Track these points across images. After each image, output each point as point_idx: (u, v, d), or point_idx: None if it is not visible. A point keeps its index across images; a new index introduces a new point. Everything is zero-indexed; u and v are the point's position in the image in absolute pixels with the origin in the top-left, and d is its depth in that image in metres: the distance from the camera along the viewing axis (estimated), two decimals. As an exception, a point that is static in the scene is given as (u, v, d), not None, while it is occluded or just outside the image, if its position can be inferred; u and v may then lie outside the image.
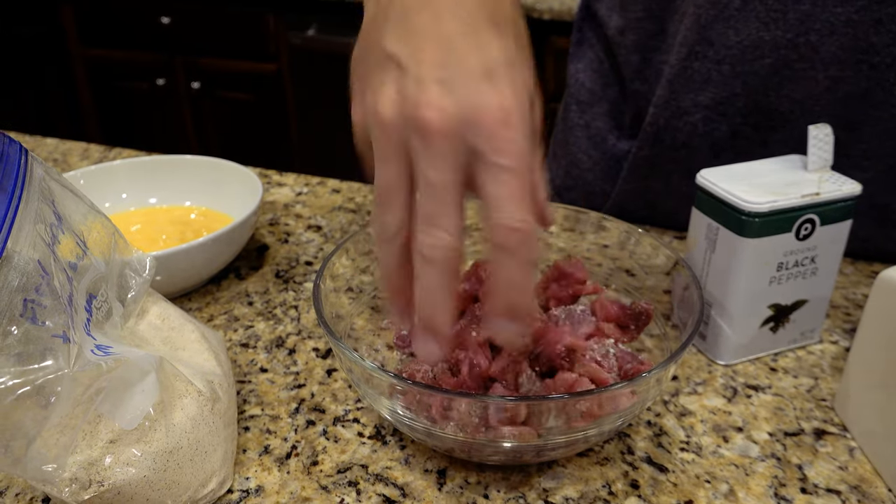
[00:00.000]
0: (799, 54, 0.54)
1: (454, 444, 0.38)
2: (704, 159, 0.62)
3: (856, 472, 0.41)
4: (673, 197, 0.66)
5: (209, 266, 0.56)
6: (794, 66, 0.55)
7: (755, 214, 0.43)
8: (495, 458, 0.39)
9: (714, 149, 0.61)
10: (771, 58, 0.55)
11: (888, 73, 0.53)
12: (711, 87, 0.58)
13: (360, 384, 0.40)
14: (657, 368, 0.37)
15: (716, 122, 0.60)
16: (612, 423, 0.37)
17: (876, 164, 0.57)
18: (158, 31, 2.25)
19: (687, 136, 0.61)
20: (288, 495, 0.39)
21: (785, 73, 0.55)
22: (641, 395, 0.37)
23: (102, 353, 0.33)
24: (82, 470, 0.33)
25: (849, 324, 0.53)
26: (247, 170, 0.63)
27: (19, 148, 0.35)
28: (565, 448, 0.38)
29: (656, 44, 0.63)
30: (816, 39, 0.53)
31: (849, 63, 0.53)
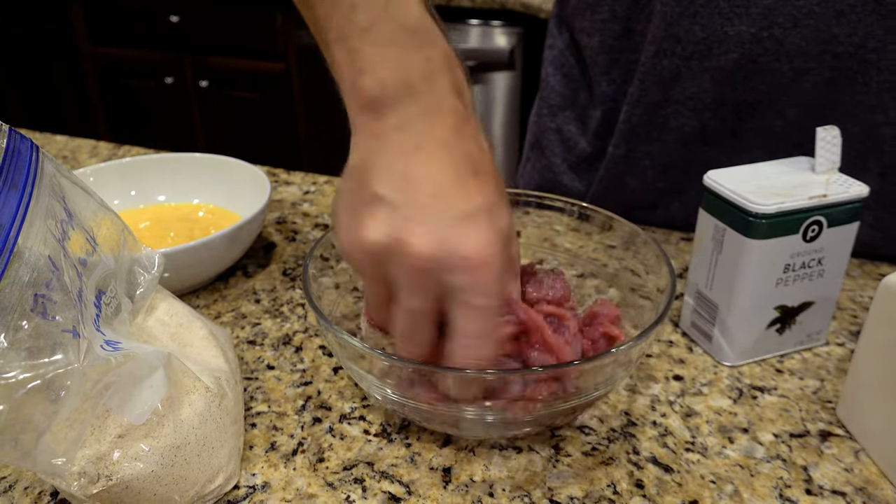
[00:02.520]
0: (763, 48, 0.56)
1: (434, 414, 0.40)
2: (676, 153, 0.64)
3: (861, 474, 0.41)
4: (648, 193, 0.68)
5: (217, 263, 0.56)
6: (759, 59, 0.56)
7: (762, 216, 0.43)
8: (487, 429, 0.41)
9: (685, 142, 0.63)
10: (736, 52, 0.56)
11: (851, 62, 0.55)
12: (680, 82, 0.60)
13: (349, 364, 0.41)
14: (635, 340, 0.38)
15: (686, 117, 0.61)
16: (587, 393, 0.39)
17: (846, 150, 0.58)
18: (167, 30, 2.26)
19: (659, 131, 0.63)
20: (294, 492, 0.39)
21: (750, 67, 0.57)
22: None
23: (111, 349, 0.33)
24: (91, 464, 0.34)
25: (855, 326, 0.53)
26: (255, 168, 0.64)
27: (30, 145, 0.35)
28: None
29: (622, 44, 0.64)
30: (780, 33, 0.54)
31: (812, 54, 0.55)
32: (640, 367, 0.49)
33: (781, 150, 0.60)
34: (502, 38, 1.86)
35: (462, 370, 0.38)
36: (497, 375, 0.37)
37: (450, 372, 0.38)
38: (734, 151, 0.62)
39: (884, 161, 0.59)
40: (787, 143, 0.60)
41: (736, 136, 0.61)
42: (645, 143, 0.65)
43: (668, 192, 0.67)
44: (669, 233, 0.66)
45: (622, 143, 0.66)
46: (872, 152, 0.58)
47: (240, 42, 2.22)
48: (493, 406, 0.39)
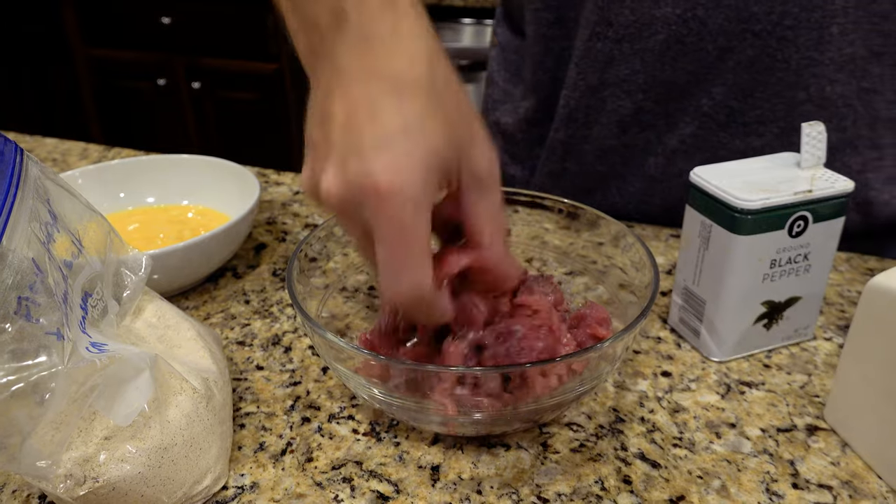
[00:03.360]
0: (689, 28, 0.58)
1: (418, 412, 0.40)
2: (613, 136, 0.66)
3: (847, 468, 0.41)
4: (587, 177, 0.70)
5: (206, 264, 0.56)
6: (685, 39, 0.59)
7: (748, 212, 0.44)
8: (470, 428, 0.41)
9: (621, 125, 0.65)
10: (663, 33, 0.59)
11: (770, 40, 0.57)
12: (614, 65, 0.62)
13: (334, 364, 0.41)
14: (618, 336, 0.39)
15: (620, 100, 0.64)
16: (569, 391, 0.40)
17: (770, 128, 0.62)
18: (159, 31, 2.26)
19: (596, 114, 0.66)
20: (282, 492, 0.40)
21: (677, 48, 0.59)
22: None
23: (97, 351, 0.33)
24: (77, 466, 0.34)
25: (843, 321, 0.53)
26: (244, 169, 0.64)
27: (14, 147, 0.35)
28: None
29: (554, 32, 0.66)
30: (703, 13, 0.57)
31: (734, 33, 0.58)
32: (627, 363, 0.49)
33: (711, 131, 0.63)
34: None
35: (447, 367, 0.39)
36: (484, 372, 0.38)
37: (435, 370, 0.38)
38: (667, 132, 0.64)
39: None
40: (714, 124, 0.62)
41: (668, 117, 0.64)
42: (584, 128, 0.67)
43: (606, 177, 0.69)
44: (659, 229, 0.67)
45: (562, 127, 0.68)
46: (796, 130, 0.60)
47: (232, 43, 2.21)
48: (479, 406, 0.39)
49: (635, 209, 0.69)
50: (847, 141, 0.61)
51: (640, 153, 0.66)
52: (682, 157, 0.65)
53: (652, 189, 0.67)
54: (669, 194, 0.67)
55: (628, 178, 0.68)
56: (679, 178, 0.66)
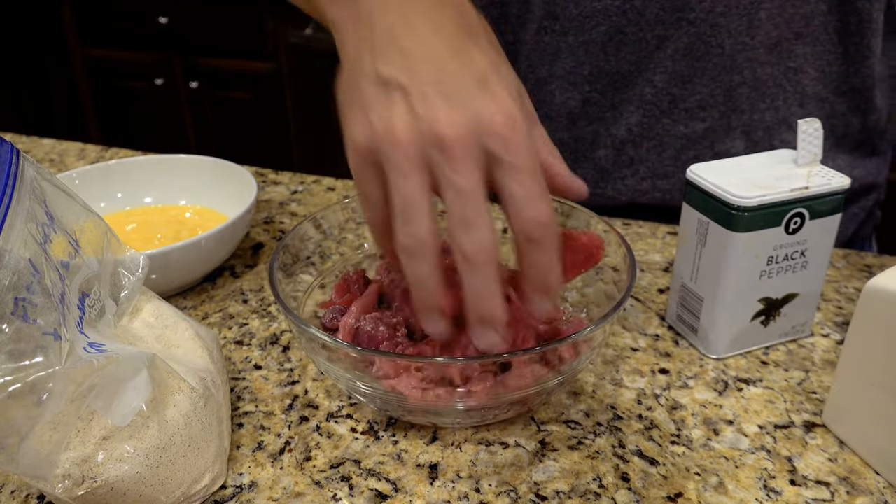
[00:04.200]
0: (628, 19, 0.61)
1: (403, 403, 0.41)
2: (563, 129, 0.68)
3: (845, 464, 0.41)
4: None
5: (204, 264, 0.56)
6: (625, 30, 0.62)
7: (744, 209, 0.44)
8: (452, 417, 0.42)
9: (570, 117, 0.68)
10: (605, 24, 0.62)
11: (704, 27, 0.61)
12: (561, 58, 0.65)
13: (314, 356, 0.42)
14: (596, 324, 0.39)
15: (569, 92, 0.66)
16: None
17: (711, 112, 0.64)
18: (157, 31, 2.26)
19: (547, 107, 0.68)
20: (281, 491, 0.40)
21: (618, 38, 0.62)
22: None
23: (94, 351, 0.33)
24: (75, 466, 0.34)
25: (840, 317, 0.53)
26: (241, 168, 0.64)
27: (10, 148, 0.35)
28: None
29: (499, 28, 0.68)
30: (640, 4, 0.61)
31: (670, 22, 0.61)
32: (625, 360, 0.49)
33: (655, 118, 0.65)
34: (492, 35, 1.86)
35: (434, 358, 0.39)
36: (467, 363, 0.39)
37: (413, 361, 0.39)
38: (614, 123, 0.66)
39: (744, 119, 0.65)
40: (658, 111, 0.65)
41: (614, 108, 0.66)
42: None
43: None
44: (656, 226, 0.67)
45: None
46: (734, 112, 0.64)
47: (230, 42, 2.21)
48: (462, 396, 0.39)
49: (589, 201, 0.69)
50: (781, 120, 0.65)
51: (589, 145, 0.68)
52: (630, 146, 0.67)
53: (604, 180, 0.69)
54: (622, 184, 0.68)
55: (579, 170, 0.69)
56: (630, 167, 0.68)
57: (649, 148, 0.67)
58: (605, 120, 0.66)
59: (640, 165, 0.67)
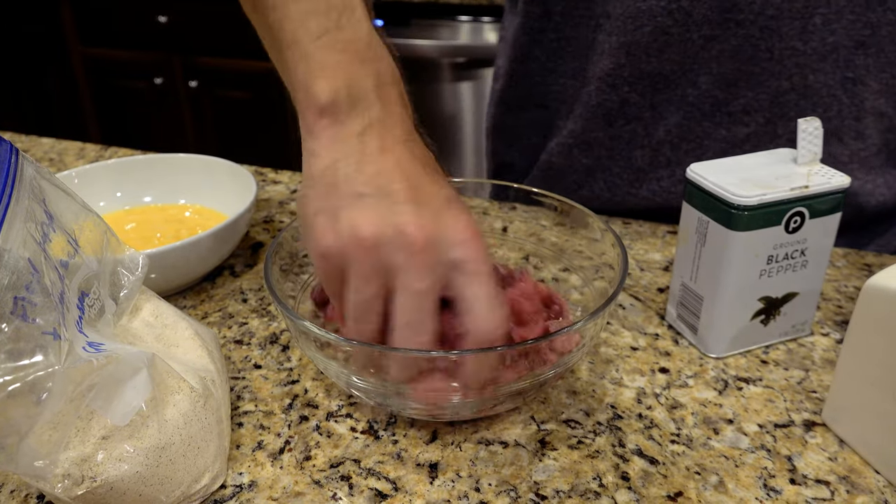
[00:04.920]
0: (674, 20, 0.59)
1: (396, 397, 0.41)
2: (599, 128, 0.67)
3: (845, 463, 0.41)
4: (574, 171, 0.70)
5: (203, 264, 0.56)
6: (671, 31, 0.59)
7: (744, 208, 0.44)
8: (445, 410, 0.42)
9: (607, 118, 0.66)
10: (650, 25, 0.60)
11: (753, 29, 0.58)
12: (603, 58, 0.63)
13: (307, 350, 0.43)
14: (588, 318, 0.40)
15: (606, 94, 0.64)
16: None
17: (755, 117, 0.62)
18: (156, 30, 2.25)
19: (583, 107, 0.66)
20: (281, 490, 0.40)
21: (663, 39, 0.60)
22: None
23: (94, 350, 0.33)
24: (75, 466, 0.34)
25: (840, 316, 0.53)
26: (241, 167, 0.63)
27: (10, 148, 0.35)
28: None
29: (541, 25, 0.67)
30: (688, 4, 0.58)
31: (718, 23, 0.58)
32: (625, 359, 0.49)
33: (696, 121, 0.63)
34: (492, 35, 1.86)
35: (429, 352, 0.40)
36: (459, 356, 0.39)
37: (397, 352, 0.39)
38: (653, 124, 0.65)
39: (791, 127, 0.61)
40: (699, 114, 0.63)
41: (654, 109, 0.64)
42: (571, 121, 0.67)
43: (593, 170, 0.69)
44: (656, 226, 0.67)
45: (551, 119, 0.69)
46: (780, 119, 0.61)
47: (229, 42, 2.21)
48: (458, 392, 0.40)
49: (622, 201, 0.69)
50: (832, 131, 0.61)
51: (626, 144, 0.67)
52: (668, 148, 0.65)
53: (639, 181, 0.68)
54: (657, 185, 0.67)
55: (615, 170, 0.68)
56: (666, 169, 0.66)
57: (688, 150, 0.65)
58: (644, 120, 0.65)
59: (677, 168, 0.66)
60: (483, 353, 0.38)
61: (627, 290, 0.57)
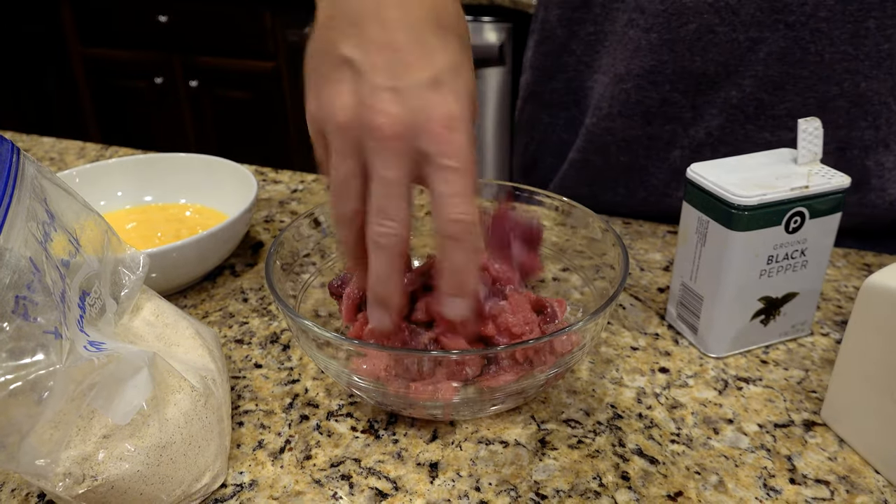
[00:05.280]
0: (720, 17, 0.57)
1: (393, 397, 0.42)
2: (638, 127, 0.65)
3: (845, 463, 0.41)
4: (611, 169, 0.69)
5: (204, 263, 0.56)
6: (717, 29, 0.57)
7: (744, 208, 0.44)
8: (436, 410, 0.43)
9: (646, 117, 0.64)
10: (695, 23, 0.58)
11: (803, 31, 0.56)
12: (641, 55, 0.61)
13: (307, 349, 0.43)
14: (589, 318, 0.40)
15: (647, 91, 0.63)
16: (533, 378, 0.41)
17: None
18: (156, 30, 2.25)
19: (621, 105, 0.64)
20: (281, 489, 0.40)
21: (708, 38, 0.58)
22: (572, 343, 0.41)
23: (95, 349, 0.33)
24: (76, 465, 0.34)
25: (840, 316, 0.53)
26: (241, 167, 0.64)
27: (11, 147, 0.35)
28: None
29: (580, 16, 0.66)
30: (735, 2, 0.56)
31: (766, 23, 0.56)
32: (625, 359, 0.49)
33: (738, 123, 0.61)
34: (492, 34, 1.86)
35: (427, 351, 0.40)
36: (459, 355, 0.40)
37: (411, 354, 0.40)
38: (694, 125, 0.63)
39: (840, 135, 0.60)
40: (743, 116, 0.61)
41: (696, 109, 0.62)
42: (607, 118, 0.66)
43: (629, 169, 0.68)
44: (656, 226, 0.67)
45: (586, 116, 0.68)
46: (828, 126, 0.59)
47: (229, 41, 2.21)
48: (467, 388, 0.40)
49: (657, 202, 0.68)
50: (880, 139, 0.59)
51: (665, 145, 0.65)
52: (708, 150, 0.63)
53: (677, 182, 0.66)
54: None
55: (651, 169, 0.67)
56: None
57: (727, 153, 0.62)
58: (684, 120, 0.63)
59: None
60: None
61: (628, 290, 0.57)
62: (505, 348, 0.40)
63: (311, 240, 0.50)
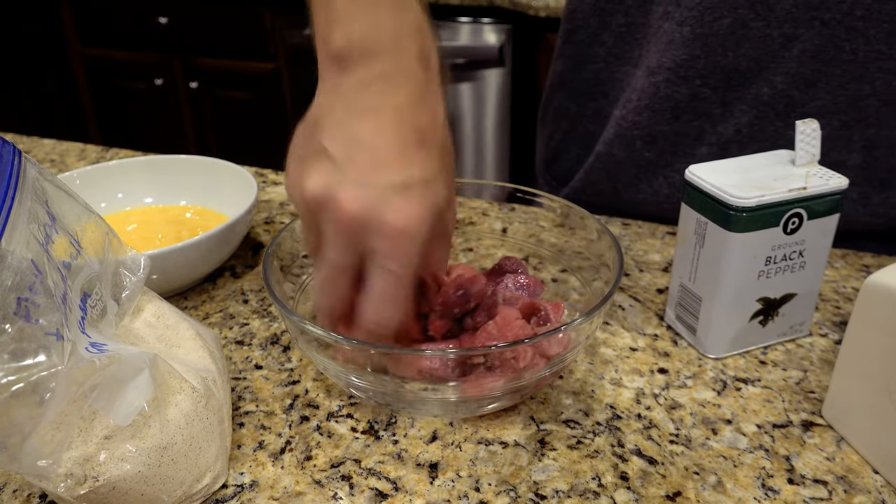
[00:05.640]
0: (756, 13, 0.57)
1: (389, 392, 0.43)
2: (665, 122, 0.64)
3: (843, 463, 0.41)
4: (635, 165, 0.68)
5: (205, 264, 0.56)
6: (751, 24, 0.57)
7: (742, 209, 0.44)
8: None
9: (675, 111, 0.64)
10: (729, 17, 0.58)
11: (839, 30, 0.56)
12: (674, 48, 0.61)
13: (306, 350, 0.44)
14: (585, 317, 0.41)
15: (677, 85, 0.62)
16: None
17: (831, 121, 0.59)
18: (156, 31, 2.26)
19: (650, 98, 0.64)
20: (282, 490, 0.40)
21: (742, 32, 0.58)
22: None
23: (96, 351, 0.34)
24: (77, 465, 0.34)
25: (838, 317, 0.54)
26: (242, 169, 0.64)
27: (13, 149, 0.35)
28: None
29: (613, 6, 0.65)
30: None
31: (802, 20, 0.56)
32: (624, 360, 0.49)
33: (768, 120, 0.61)
34: (492, 36, 1.87)
35: (421, 351, 0.41)
36: (454, 355, 0.40)
37: (395, 351, 0.41)
38: (722, 121, 0.62)
39: (868, 134, 0.59)
40: (773, 113, 0.60)
41: (725, 105, 0.62)
42: (634, 112, 0.65)
43: (654, 165, 0.67)
44: (655, 227, 0.67)
45: (614, 107, 0.67)
46: (857, 125, 0.59)
47: (229, 42, 2.21)
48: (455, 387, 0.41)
49: (680, 202, 0.68)
50: None
51: (692, 141, 0.64)
52: (735, 147, 0.63)
53: None
54: None
55: (677, 166, 0.66)
56: None
57: (755, 150, 0.61)
58: (712, 116, 0.62)
59: None
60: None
61: (627, 291, 0.57)
62: (488, 350, 0.41)
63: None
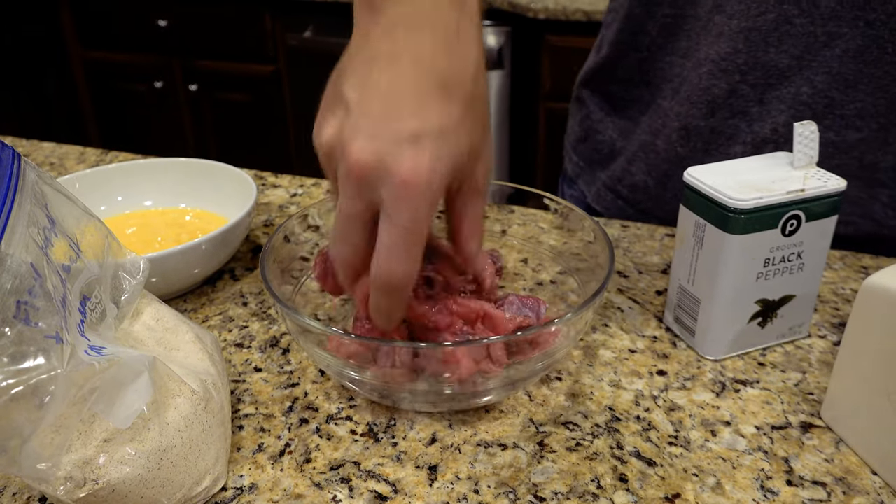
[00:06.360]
0: (800, 9, 0.56)
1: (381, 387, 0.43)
2: (701, 117, 0.64)
3: (842, 465, 0.41)
4: (668, 160, 0.68)
5: (204, 267, 0.56)
6: (795, 20, 0.57)
7: (740, 211, 0.44)
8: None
9: (711, 106, 0.63)
10: (774, 12, 0.57)
11: (883, 30, 0.55)
12: (721, 41, 0.60)
13: (306, 346, 0.44)
14: (575, 312, 0.41)
15: (716, 79, 0.62)
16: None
17: (869, 122, 0.59)
18: (156, 34, 2.26)
19: (690, 89, 0.64)
20: (281, 492, 0.40)
21: (785, 28, 0.57)
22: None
23: (96, 354, 0.34)
24: (77, 468, 0.34)
25: (837, 318, 0.54)
26: (241, 172, 0.64)
27: (12, 153, 0.35)
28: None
29: None
30: None
31: (846, 19, 0.55)
32: (623, 362, 0.49)
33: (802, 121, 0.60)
34: (491, 38, 1.87)
35: (416, 344, 0.41)
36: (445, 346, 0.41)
37: (391, 345, 0.41)
38: (759, 120, 0.62)
39: None
40: (810, 114, 0.60)
41: (763, 104, 0.61)
42: (674, 104, 0.65)
43: (686, 160, 0.66)
44: (654, 228, 0.67)
45: (654, 98, 0.67)
46: (895, 127, 0.58)
47: (229, 45, 2.22)
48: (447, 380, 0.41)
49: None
50: None
51: (726, 140, 0.64)
52: (771, 148, 0.62)
53: None
54: None
55: (707, 162, 0.66)
56: None
57: (791, 150, 0.59)
58: (749, 115, 0.62)
59: None
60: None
61: (625, 293, 0.57)
62: (477, 342, 0.41)
63: (309, 244, 0.51)
